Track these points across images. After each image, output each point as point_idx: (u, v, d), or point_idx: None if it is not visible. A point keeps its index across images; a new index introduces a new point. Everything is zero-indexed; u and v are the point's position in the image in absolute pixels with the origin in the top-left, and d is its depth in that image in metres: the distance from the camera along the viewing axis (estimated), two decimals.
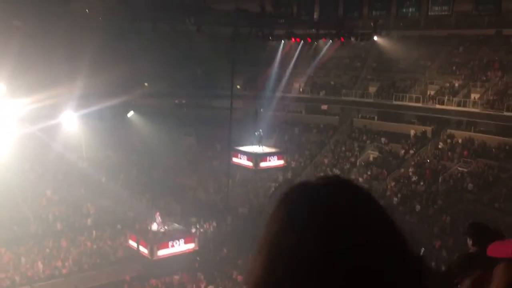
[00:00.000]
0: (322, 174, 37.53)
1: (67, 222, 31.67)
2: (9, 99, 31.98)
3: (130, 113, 40.75)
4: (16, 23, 30.32)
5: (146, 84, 41.90)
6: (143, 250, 24.85)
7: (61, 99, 33.35)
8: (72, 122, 35.44)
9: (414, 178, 34.52)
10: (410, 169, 35.55)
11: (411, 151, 37.18)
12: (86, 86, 33.31)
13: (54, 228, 31.01)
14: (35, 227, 30.62)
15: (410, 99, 38.18)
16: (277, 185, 36.72)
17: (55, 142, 34.74)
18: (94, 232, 31.35)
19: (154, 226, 25.80)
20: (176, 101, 46.77)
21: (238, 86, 42.39)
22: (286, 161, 32.76)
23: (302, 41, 39.41)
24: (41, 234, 30.24)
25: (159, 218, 26.15)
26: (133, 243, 26.04)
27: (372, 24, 37.60)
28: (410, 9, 38.65)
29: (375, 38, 39.13)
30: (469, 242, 4.06)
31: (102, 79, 33.64)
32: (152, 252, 24.12)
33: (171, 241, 24.77)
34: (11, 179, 31.81)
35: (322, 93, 43.62)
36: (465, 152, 34.48)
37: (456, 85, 37.94)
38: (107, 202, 34.16)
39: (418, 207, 31.61)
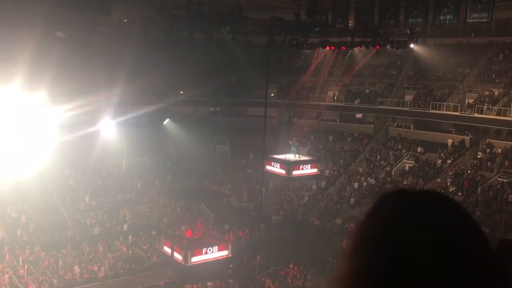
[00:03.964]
0: (358, 183, 36.62)
1: (104, 227, 32.32)
2: (50, 106, 33.01)
3: (166, 121, 41.32)
4: (58, 33, 31.40)
5: (181, 92, 42.47)
6: (178, 256, 25.06)
7: (99, 106, 34.22)
8: (110, 129, 36.20)
9: (451, 189, 33.72)
10: (448, 179, 34.76)
11: (449, 161, 36.37)
12: (124, 94, 34.12)
13: (91, 233, 31.70)
14: (73, 231, 31.36)
15: (448, 108, 37.38)
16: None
17: (93, 149, 35.59)
18: (130, 238, 31.86)
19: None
20: (211, 109, 47.21)
21: (272, 95, 42.45)
22: (319, 170, 32.50)
23: (336, 49, 39.16)
24: (79, 239, 30.96)
25: (199, 225, 26.65)
26: (167, 249, 26.30)
27: (408, 31, 37.06)
28: (448, 17, 37.85)
29: (412, 45, 38.56)
30: None
31: (139, 87, 34.39)
32: (186, 258, 24.31)
33: (205, 248, 24.92)
34: (50, 185, 32.79)
35: (356, 102, 43.22)
36: (506, 163, 33.48)
37: (496, 93, 36.97)
38: (142, 208, 34.76)
39: None
